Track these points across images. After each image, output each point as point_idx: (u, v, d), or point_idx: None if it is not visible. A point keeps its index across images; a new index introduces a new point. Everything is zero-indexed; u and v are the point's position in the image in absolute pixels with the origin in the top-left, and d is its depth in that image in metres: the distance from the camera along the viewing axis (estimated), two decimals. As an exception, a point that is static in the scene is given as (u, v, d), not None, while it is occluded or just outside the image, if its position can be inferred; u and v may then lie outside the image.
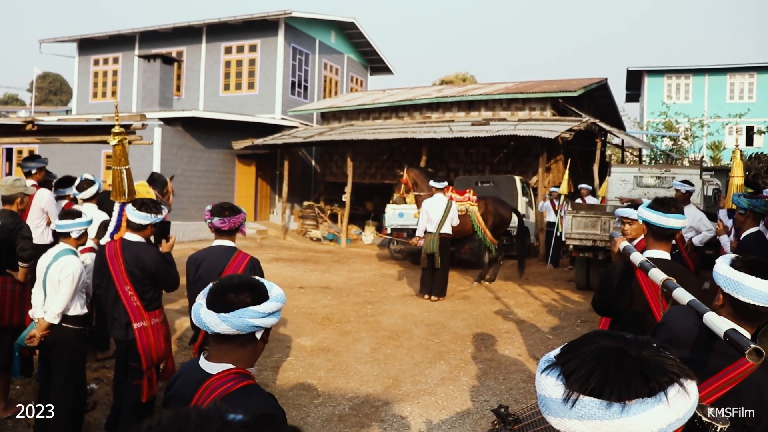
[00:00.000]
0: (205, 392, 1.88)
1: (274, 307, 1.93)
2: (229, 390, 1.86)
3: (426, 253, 10.15)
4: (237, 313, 1.86)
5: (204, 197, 18.49)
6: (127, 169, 4.55)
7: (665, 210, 3.16)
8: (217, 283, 2.00)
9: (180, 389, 1.99)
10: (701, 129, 28.84)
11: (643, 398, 0.92)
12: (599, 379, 0.94)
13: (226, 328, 1.86)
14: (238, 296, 1.90)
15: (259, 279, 2.04)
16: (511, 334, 7.98)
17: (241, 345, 1.94)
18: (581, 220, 10.13)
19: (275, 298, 1.96)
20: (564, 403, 0.95)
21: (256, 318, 1.88)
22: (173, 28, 23.06)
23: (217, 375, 1.91)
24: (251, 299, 1.91)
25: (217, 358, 1.96)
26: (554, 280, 12.34)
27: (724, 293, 2.17)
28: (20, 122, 6.08)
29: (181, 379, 2.03)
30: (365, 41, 26.61)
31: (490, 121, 19.10)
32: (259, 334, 1.95)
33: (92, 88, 25.19)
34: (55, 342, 4.51)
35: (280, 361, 6.65)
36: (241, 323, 1.86)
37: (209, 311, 1.89)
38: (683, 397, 0.94)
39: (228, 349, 1.94)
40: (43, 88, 56.26)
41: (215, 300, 1.92)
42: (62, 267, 4.46)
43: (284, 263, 14.17)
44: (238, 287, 1.93)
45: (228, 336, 1.90)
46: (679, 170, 11.95)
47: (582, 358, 0.99)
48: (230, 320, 1.85)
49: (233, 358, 1.95)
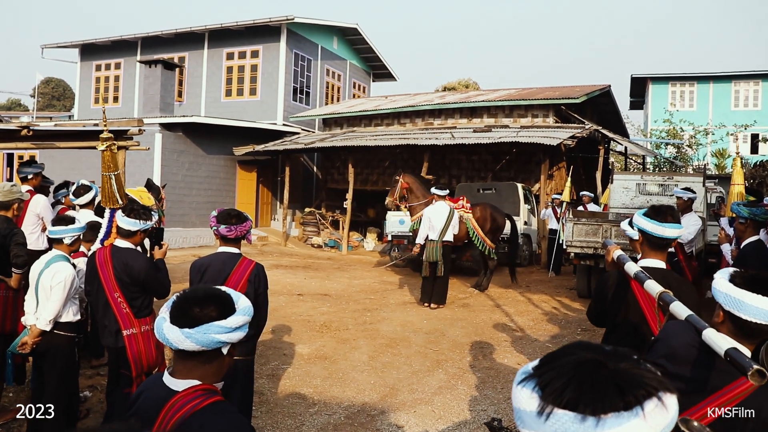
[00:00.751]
0: (171, 410, 1.79)
1: (241, 321, 1.83)
2: (196, 408, 1.78)
3: (428, 261, 10.06)
4: (201, 328, 1.76)
5: (205, 203, 18.47)
6: (116, 175, 4.50)
7: (662, 219, 3.09)
8: (181, 294, 1.89)
9: (144, 405, 1.89)
10: (705, 137, 28.78)
11: (618, 412, 0.87)
12: (574, 392, 0.90)
13: (190, 344, 1.77)
14: (203, 310, 1.80)
15: (225, 290, 1.93)
16: (511, 343, 7.90)
17: (206, 361, 1.85)
18: (582, 227, 10.06)
19: (242, 311, 1.85)
20: (538, 416, 0.91)
21: (221, 333, 1.78)
22: (175, 34, 23.09)
23: (182, 392, 1.82)
24: (217, 313, 1.80)
25: (182, 374, 1.86)
26: (555, 288, 12.26)
27: (724, 310, 2.10)
28: (16, 127, 6.04)
29: (145, 394, 1.93)
30: (368, 47, 26.61)
31: (493, 127, 19.05)
32: (225, 350, 1.85)
33: (94, 94, 25.22)
34: (47, 349, 4.46)
35: (276, 369, 6.58)
36: (205, 339, 1.77)
37: (172, 326, 1.79)
38: (661, 411, 0.90)
39: (192, 365, 1.85)
40: (47, 94, 56.38)
41: (179, 314, 1.81)
42: (54, 273, 4.41)
43: (284, 270, 14.11)
44: (203, 300, 1.83)
45: (192, 352, 1.81)
46: (682, 178, 11.87)
47: (558, 370, 0.95)
48: (194, 336, 1.76)
49: (198, 374, 1.85)
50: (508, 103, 19.85)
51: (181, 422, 1.75)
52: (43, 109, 51.50)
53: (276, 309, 9.22)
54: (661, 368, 2.23)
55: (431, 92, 28.34)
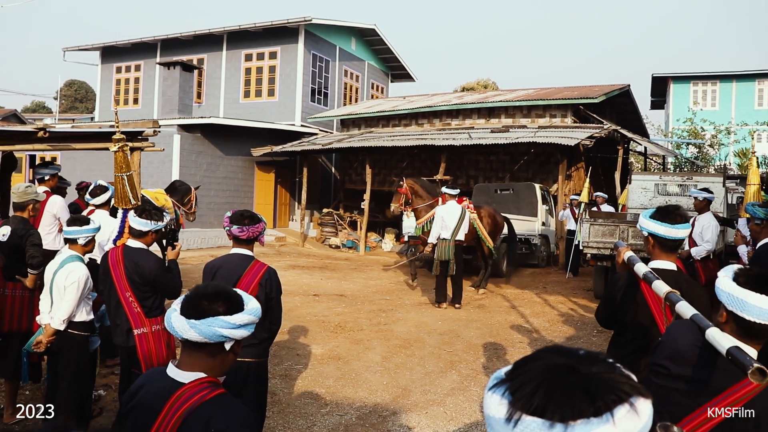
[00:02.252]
0: (177, 401, 1.85)
1: (246, 320, 1.90)
2: (203, 399, 1.84)
3: (440, 260, 10.06)
4: (206, 321, 1.85)
5: (223, 204, 18.57)
6: (128, 176, 4.54)
7: (671, 221, 3.03)
8: (193, 290, 1.98)
9: (147, 398, 1.94)
10: (728, 136, 28.40)
11: (588, 418, 0.85)
12: (543, 398, 0.88)
13: (193, 334, 1.85)
14: (211, 304, 1.88)
15: (236, 291, 2.01)
16: (525, 344, 7.86)
17: (210, 354, 1.92)
18: (599, 228, 9.97)
19: (249, 311, 1.93)
20: (506, 422, 0.89)
21: (225, 328, 1.85)
22: (194, 36, 23.27)
23: (189, 384, 1.88)
24: (224, 309, 1.88)
25: (187, 366, 1.93)
26: (572, 290, 12.17)
27: (727, 311, 2.04)
28: (32, 129, 6.12)
29: (147, 387, 1.98)
30: (386, 48, 26.62)
31: (510, 128, 18.96)
32: (228, 345, 1.92)
33: (114, 95, 25.48)
34: (61, 348, 4.50)
35: (289, 369, 6.60)
36: (209, 331, 1.84)
37: (180, 317, 1.88)
38: (633, 417, 0.87)
39: (197, 357, 1.92)
40: (69, 96, 57.12)
41: (188, 306, 1.90)
42: (68, 273, 4.45)
43: (301, 270, 14.15)
44: (213, 296, 1.91)
45: (198, 344, 1.88)
46: (702, 178, 11.72)
47: (527, 375, 0.93)
48: (198, 327, 1.84)
49: (203, 366, 1.92)
50: (526, 103, 19.75)
51: (188, 413, 1.81)
52: (66, 111, 52.18)
53: (291, 309, 9.25)
54: (665, 369, 2.22)
55: (449, 92, 28.28)
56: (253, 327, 1.96)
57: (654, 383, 2.23)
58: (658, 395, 2.11)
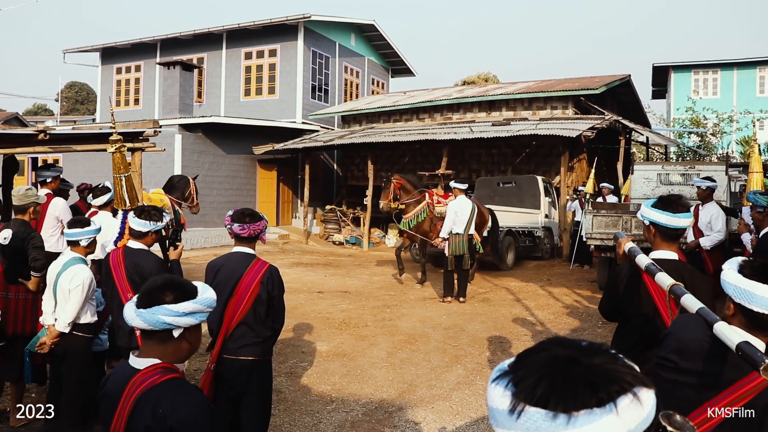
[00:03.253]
0: (133, 386, 1.96)
1: (191, 308, 1.99)
2: (154, 383, 1.94)
3: (454, 254, 10.07)
4: (151, 309, 1.95)
5: (225, 203, 18.57)
6: (126, 177, 4.53)
7: (673, 209, 3.01)
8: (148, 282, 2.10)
9: (111, 387, 2.06)
10: (730, 125, 28.29)
11: (591, 409, 0.85)
12: (546, 389, 0.87)
13: (139, 322, 1.96)
14: (158, 294, 1.99)
15: (190, 282, 2.11)
16: (530, 337, 7.84)
17: (160, 342, 2.01)
18: (602, 219, 9.95)
19: (199, 300, 2.01)
20: (510, 414, 0.89)
21: (168, 316, 1.95)
22: (193, 35, 23.24)
23: (143, 370, 1.99)
24: (171, 298, 1.98)
25: (143, 353, 2.05)
26: (577, 281, 12.15)
27: (734, 303, 2.01)
28: (33, 132, 6.11)
29: (113, 377, 2.12)
30: (386, 43, 26.55)
31: (512, 121, 18.93)
32: (177, 333, 2.01)
33: (115, 96, 25.47)
34: (65, 350, 4.51)
35: (294, 367, 6.60)
36: (152, 319, 1.94)
37: (131, 306, 2.00)
38: (636, 407, 0.87)
39: (149, 345, 2.04)
40: (71, 98, 57.11)
41: (141, 297, 2.02)
42: (72, 276, 4.45)
43: (305, 268, 14.16)
44: (162, 286, 2.02)
45: (149, 332, 2.00)
46: (704, 167, 11.67)
47: (530, 367, 0.92)
48: (143, 315, 1.95)
49: (156, 353, 2.03)
50: (527, 96, 19.71)
51: (140, 397, 1.93)
52: (68, 113, 52.18)
53: (296, 307, 9.25)
54: (673, 363, 2.20)
55: (450, 87, 28.22)
56: (204, 316, 2.06)
57: (661, 377, 2.21)
58: (665, 389, 2.09)
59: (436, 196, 11.95)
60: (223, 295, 3.91)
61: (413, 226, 11.47)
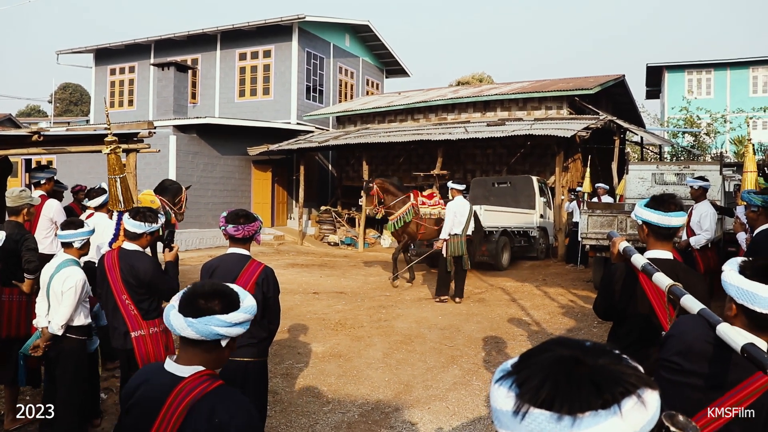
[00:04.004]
0: (180, 394, 1.91)
1: (241, 318, 1.94)
2: (205, 390, 1.91)
3: (453, 255, 10.09)
4: (203, 319, 1.89)
5: (220, 204, 18.53)
6: (121, 178, 4.51)
7: (665, 209, 3.01)
8: (191, 287, 2.02)
9: (148, 393, 1.98)
10: (724, 124, 28.38)
11: (596, 410, 0.84)
12: (550, 391, 0.87)
13: (190, 332, 1.90)
14: (207, 303, 1.93)
15: (232, 288, 2.05)
16: (526, 337, 7.84)
17: (206, 350, 1.97)
18: (597, 219, 9.96)
19: (244, 309, 1.97)
20: (514, 415, 0.88)
21: (221, 327, 1.90)
22: (188, 36, 23.18)
23: (189, 377, 1.94)
24: (220, 307, 1.93)
25: (186, 361, 1.99)
26: (572, 281, 12.16)
27: (737, 304, 2.01)
28: (27, 133, 6.07)
29: (147, 383, 2.03)
30: (380, 44, 26.55)
31: (506, 121, 18.95)
32: (224, 342, 1.97)
33: (109, 98, 25.39)
34: (59, 352, 4.48)
35: (290, 368, 6.58)
36: (205, 330, 1.89)
37: (178, 314, 1.93)
38: (640, 409, 0.86)
39: (194, 353, 1.98)
40: (64, 99, 56.95)
41: (186, 304, 1.95)
42: (65, 278, 4.42)
43: (300, 269, 14.13)
44: (209, 294, 1.96)
45: (194, 340, 1.94)
46: (698, 166, 11.71)
47: (534, 368, 0.91)
48: (195, 326, 1.89)
49: (200, 361, 1.99)
50: (522, 96, 19.73)
51: (192, 404, 1.88)
52: (62, 115, 52.05)
53: (291, 308, 9.23)
54: (677, 365, 2.19)
55: (444, 87, 28.25)
56: (248, 324, 2.01)
57: (664, 378, 2.21)
58: (668, 390, 2.08)
59: (420, 197, 12.04)
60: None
61: (400, 227, 11.57)
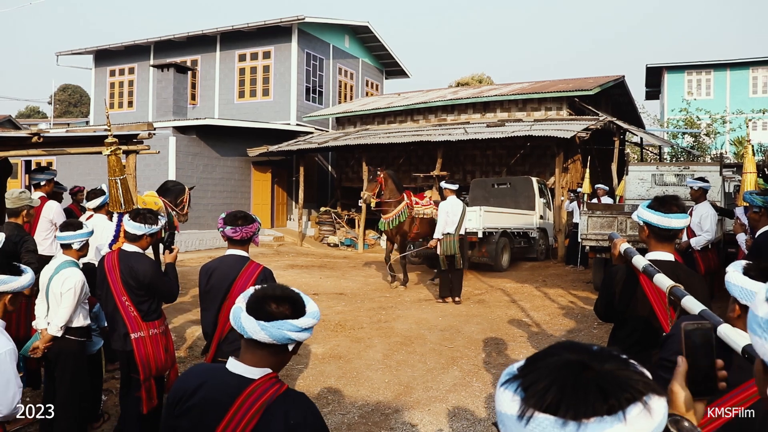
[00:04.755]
0: (251, 396, 1.93)
1: (310, 323, 1.98)
2: (278, 393, 1.94)
3: (446, 254, 10.10)
4: (276, 324, 1.92)
5: (220, 205, 18.53)
6: (122, 179, 4.51)
7: (666, 210, 3.00)
8: (260, 290, 2.04)
9: (212, 394, 1.98)
10: (723, 125, 28.40)
11: (601, 416, 0.83)
12: (555, 395, 0.86)
13: (264, 336, 1.92)
14: (279, 307, 1.96)
15: (298, 293, 2.08)
16: (526, 339, 7.84)
17: (273, 353, 1.99)
18: (597, 220, 9.96)
19: (311, 314, 2.00)
20: (519, 419, 0.87)
21: (293, 331, 1.93)
22: (187, 37, 23.19)
23: (259, 379, 1.96)
24: (290, 312, 1.96)
25: (253, 362, 1.99)
26: (572, 282, 12.16)
27: (740, 305, 2.00)
28: (26, 135, 6.08)
29: (209, 383, 2.02)
30: (380, 45, 26.56)
31: (506, 122, 18.95)
32: (291, 346, 1.99)
33: (109, 99, 25.40)
34: (58, 354, 4.47)
35: (290, 369, 6.57)
36: (279, 334, 1.92)
37: (250, 317, 1.93)
38: (645, 416, 0.85)
39: (263, 355, 1.99)
40: (64, 100, 56.96)
41: (256, 307, 1.96)
42: (64, 280, 4.42)
43: (300, 270, 14.13)
44: (280, 298, 1.99)
45: (264, 344, 1.95)
46: (698, 167, 11.71)
47: (541, 372, 0.90)
48: (269, 329, 1.91)
49: (268, 363, 2.00)
50: (521, 97, 19.74)
51: (266, 407, 1.91)
52: (61, 116, 52.02)
53: (291, 309, 9.21)
54: None
55: (444, 88, 28.25)
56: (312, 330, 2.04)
57: (663, 378, 2.21)
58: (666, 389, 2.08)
59: (414, 197, 12.09)
60: (218, 299, 3.90)
61: (395, 226, 11.58)
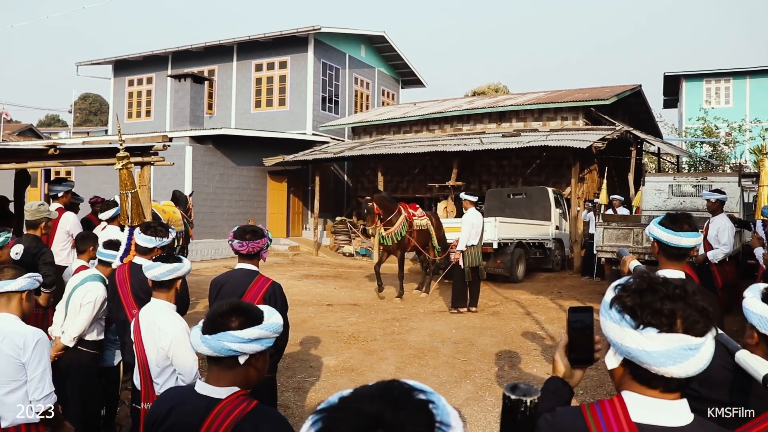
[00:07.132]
0: (219, 416, 1.91)
1: (257, 334, 1.92)
2: (245, 411, 1.91)
3: (471, 266, 10.13)
4: (216, 335, 1.90)
5: (236, 215, 18.63)
6: (133, 193, 4.55)
7: (677, 228, 2.93)
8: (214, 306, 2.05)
9: (182, 418, 1.98)
10: (743, 134, 28.11)
11: None
12: None
13: (204, 348, 1.92)
14: (224, 320, 1.93)
15: (257, 307, 2.05)
16: (540, 352, 7.78)
17: (226, 368, 1.96)
18: (613, 232, 9.89)
19: (263, 326, 1.95)
20: None
21: (233, 342, 1.89)
22: (204, 47, 23.39)
23: (227, 398, 1.94)
24: (237, 324, 1.92)
25: (215, 381, 1.98)
26: (588, 294, 12.04)
27: (759, 333, 1.94)
28: (43, 147, 6.15)
29: (179, 407, 2.02)
30: (396, 54, 26.60)
31: (522, 132, 18.90)
32: (242, 359, 1.94)
33: (127, 108, 25.68)
34: (69, 365, 4.50)
35: (302, 382, 6.57)
36: (217, 345, 1.89)
37: (197, 332, 1.95)
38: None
39: (219, 371, 1.98)
40: (84, 109, 57.65)
41: (206, 323, 1.97)
42: (86, 292, 4.47)
43: (315, 280, 14.14)
44: (228, 312, 1.96)
45: (215, 359, 1.94)
46: (716, 177, 11.63)
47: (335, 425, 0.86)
48: (208, 342, 1.90)
49: (229, 380, 1.98)
50: (537, 107, 19.68)
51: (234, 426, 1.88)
52: (81, 125, 52.64)
53: (305, 320, 9.24)
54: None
55: (460, 98, 28.23)
56: (271, 342, 1.99)
57: None
58: None
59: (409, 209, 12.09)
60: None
61: (398, 240, 11.53)
